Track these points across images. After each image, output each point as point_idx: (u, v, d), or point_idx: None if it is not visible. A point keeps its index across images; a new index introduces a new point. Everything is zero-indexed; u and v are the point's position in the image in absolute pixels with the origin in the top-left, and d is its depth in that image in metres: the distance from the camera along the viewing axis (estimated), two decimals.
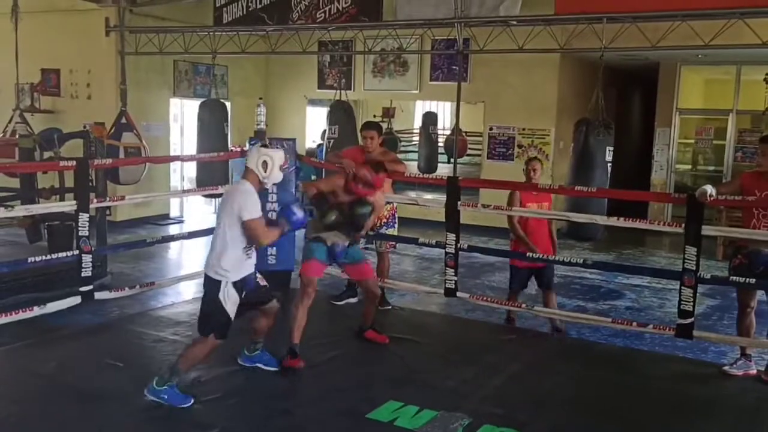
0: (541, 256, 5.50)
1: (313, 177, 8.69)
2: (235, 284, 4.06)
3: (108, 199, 6.24)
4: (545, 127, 10.39)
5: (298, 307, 4.74)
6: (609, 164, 6.43)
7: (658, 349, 5.61)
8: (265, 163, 4.11)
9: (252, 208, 4.03)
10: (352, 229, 4.90)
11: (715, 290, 6.90)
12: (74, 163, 5.49)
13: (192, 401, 4.01)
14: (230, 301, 4.05)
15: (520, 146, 10.65)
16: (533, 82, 10.26)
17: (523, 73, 10.18)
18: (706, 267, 5.27)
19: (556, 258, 5.46)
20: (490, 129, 10.91)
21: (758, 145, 5.03)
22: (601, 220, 5.45)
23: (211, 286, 4.06)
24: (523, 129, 10.62)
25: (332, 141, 8.82)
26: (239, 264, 4.08)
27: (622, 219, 5.29)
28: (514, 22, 7.61)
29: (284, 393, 4.30)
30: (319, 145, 11.22)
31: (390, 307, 6.29)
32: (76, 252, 5.36)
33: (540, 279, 5.78)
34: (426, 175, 10.93)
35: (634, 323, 5.55)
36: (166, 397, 3.97)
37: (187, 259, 8.53)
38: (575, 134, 6.57)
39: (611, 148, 6.45)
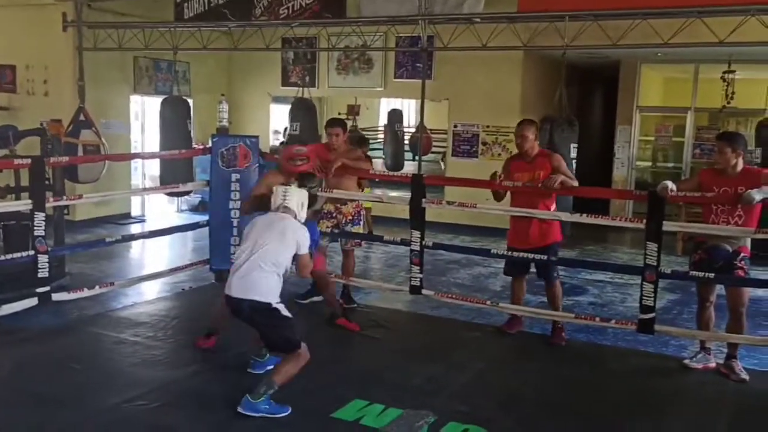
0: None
1: None
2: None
3: (65, 197, 6.09)
4: (509, 125, 10.40)
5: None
6: (574, 161, 6.50)
7: (621, 344, 5.68)
8: (302, 204, 4.35)
9: (307, 243, 4.30)
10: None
11: (675, 285, 7.01)
12: (29, 161, 5.34)
13: (289, 410, 3.99)
14: (284, 307, 4.16)
15: (484, 143, 10.70)
16: (497, 79, 10.30)
17: (487, 71, 10.21)
18: (667, 262, 5.34)
19: (519, 255, 5.43)
20: (455, 126, 10.93)
21: (715, 143, 5.13)
22: (565, 216, 5.50)
23: (263, 308, 4.07)
24: (488, 126, 10.66)
25: (294, 138, 8.77)
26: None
27: (585, 215, 5.34)
28: (478, 20, 7.63)
29: (243, 395, 4.24)
30: (282, 143, 11.14)
31: (355, 305, 6.27)
32: (32, 252, 5.23)
33: (538, 269, 5.52)
34: (391, 173, 10.92)
35: (597, 318, 5.63)
36: (266, 407, 3.94)
37: (148, 258, 8.39)
38: (540, 132, 6.61)
39: (575, 145, 6.52)
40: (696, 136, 11.25)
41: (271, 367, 4.35)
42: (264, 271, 4.07)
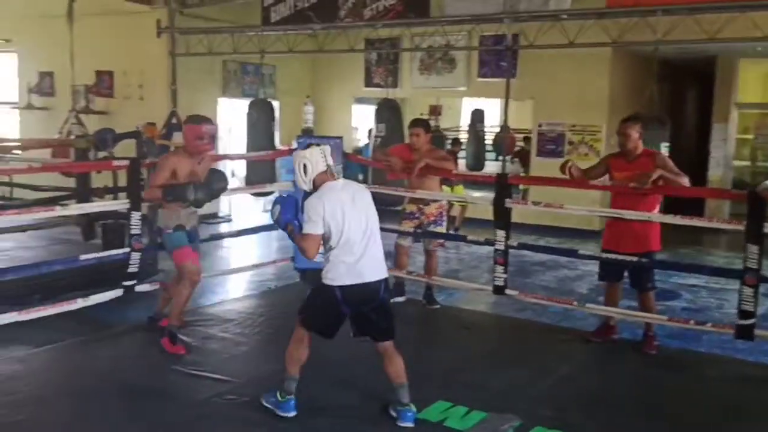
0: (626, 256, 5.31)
1: (360, 176, 8.72)
2: None
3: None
4: (596, 124, 10.17)
5: (184, 292, 4.87)
6: None
7: (717, 350, 5.42)
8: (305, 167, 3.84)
9: None
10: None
11: None
12: (127, 162, 5.57)
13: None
14: None
15: (570, 143, 10.45)
16: (584, 77, 10.04)
17: (574, 69, 9.97)
18: None
19: (608, 257, 5.22)
20: (539, 126, 10.74)
21: None
22: (656, 218, 5.28)
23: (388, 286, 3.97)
24: (574, 125, 10.42)
25: (379, 139, 8.83)
26: None
27: (678, 217, 5.12)
28: (565, 16, 7.45)
29: (329, 392, 4.28)
30: (366, 144, 11.24)
31: (438, 306, 6.24)
32: (128, 250, 5.45)
33: (632, 275, 5.26)
34: (474, 173, 10.83)
35: (692, 321, 5.36)
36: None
37: (234, 257, 8.61)
38: None
39: (667, 144, 6.26)
40: None
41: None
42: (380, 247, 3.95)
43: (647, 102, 6.60)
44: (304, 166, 3.80)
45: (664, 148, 6.25)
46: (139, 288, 5.58)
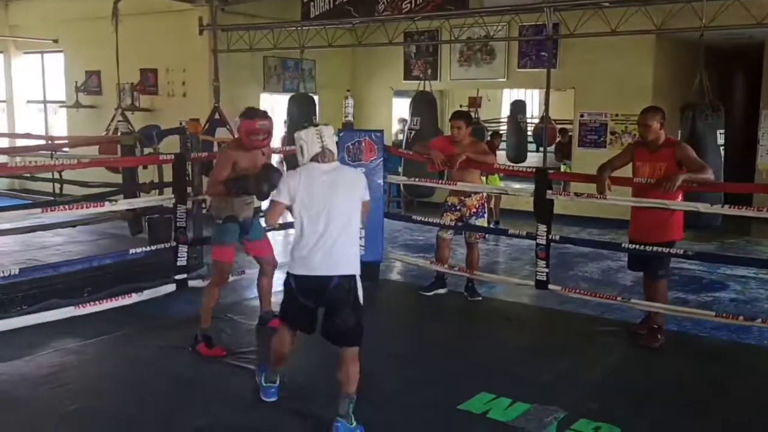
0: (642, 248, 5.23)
1: (400, 168, 8.73)
2: None
3: (204, 193, 6.43)
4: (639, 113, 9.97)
5: (213, 293, 4.85)
6: (722, 148, 6.10)
7: (767, 342, 5.30)
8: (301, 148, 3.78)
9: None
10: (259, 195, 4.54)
11: None
12: (172, 157, 5.69)
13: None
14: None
15: (613, 133, 10.29)
16: (626, 65, 9.86)
17: (616, 57, 9.80)
18: None
19: (643, 248, 5.10)
20: (581, 116, 10.58)
21: None
22: (703, 207, 5.16)
23: (355, 285, 3.67)
24: (616, 115, 10.25)
25: (414, 132, 8.80)
26: None
27: (725, 207, 5.02)
28: (607, 4, 7.34)
29: (371, 383, 4.31)
30: (408, 136, 11.24)
31: (480, 298, 6.23)
32: (174, 244, 5.57)
33: (645, 263, 5.20)
34: (514, 166, 10.75)
35: (741, 317, 5.23)
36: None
37: (276, 250, 8.70)
38: (681, 120, 6.25)
39: (722, 132, 6.11)
40: None
41: None
42: (355, 241, 3.70)
43: (697, 90, 6.44)
44: (301, 147, 3.75)
45: (720, 136, 6.11)
46: (193, 283, 5.71)
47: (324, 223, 3.58)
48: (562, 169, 10.39)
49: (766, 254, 8.53)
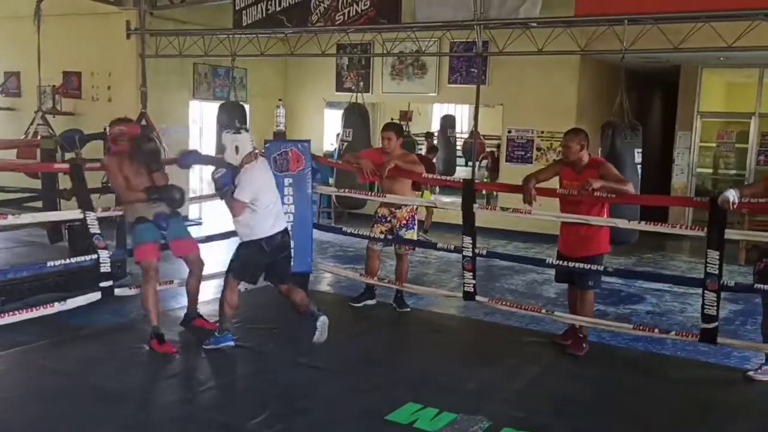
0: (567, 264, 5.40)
1: (330, 180, 8.73)
2: None
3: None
4: (564, 130, 10.24)
5: (149, 292, 5.01)
6: (639, 166, 6.35)
7: (680, 353, 5.54)
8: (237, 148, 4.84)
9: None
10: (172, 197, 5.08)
11: (738, 295, 6.79)
12: (67, 166, 5.58)
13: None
14: None
15: (539, 149, 10.59)
16: (553, 84, 10.19)
17: (543, 76, 10.12)
18: (728, 272, 5.20)
19: (573, 265, 5.28)
20: (509, 132, 10.85)
21: None
22: (622, 223, 5.36)
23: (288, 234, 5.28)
24: (542, 132, 10.56)
25: (346, 144, 8.81)
26: None
27: (642, 223, 5.23)
28: (534, 24, 7.56)
29: (301, 393, 4.29)
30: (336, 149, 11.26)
31: (408, 309, 6.28)
32: (94, 256, 5.38)
33: (577, 275, 5.28)
34: (444, 177, 10.90)
35: (656, 330, 5.44)
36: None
37: (205, 260, 8.55)
38: (602, 137, 6.49)
39: (640, 150, 6.37)
40: (760, 142, 10.89)
41: None
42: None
43: (617, 109, 6.70)
44: (236, 147, 4.82)
45: (638, 155, 6.36)
46: (119, 291, 5.54)
47: (276, 199, 5.15)
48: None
49: (680, 269, 8.92)
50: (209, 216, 11.36)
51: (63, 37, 9.83)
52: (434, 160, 11.08)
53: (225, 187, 4.88)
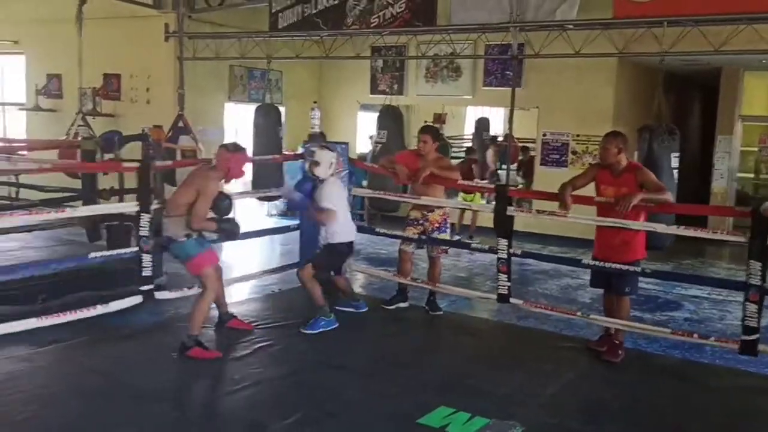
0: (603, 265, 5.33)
1: (364, 182, 8.74)
2: None
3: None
4: (601, 134, 10.13)
5: (207, 304, 5.00)
6: (675, 171, 6.25)
7: (719, 361, 5.43)
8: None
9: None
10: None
11: None
12: (137, 165, 5.61)
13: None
14: None
15: (574, 152, 10.49)
16: (589, 87, 10.08)
17: (579, 78, 10.02)
18: None
19: (609, 266, 5.20)
20: (544, 135, 10.77)
21: None
22: (660, 228, 5.28)
23: None
24: (578, 135, 10.45)
25: (380, 146, 8.83)
26: None
27: (681, 228, 5.13)
28: (571, 27, 7.48)
29: (332, 395, 4.30)
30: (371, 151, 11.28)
31: (441, 312, 6.25)
32: (135, 249, 5.48)
33: (614, 281, 5.22)
34: (478, 182, 10.85)
35: (695, 335, 5.36)
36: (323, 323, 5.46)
37: (239, 261, 8.64)
38: (638, 141, 6.39)
39: (677, 155, 6.26)
40: None
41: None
42: None
43: (655, 113, 6.60)
44: (332, 163, 5.51)
45: (675, 159, 6.26)
46: (160, 295, 5.62)
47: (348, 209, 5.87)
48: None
49: (719, 275, 8.74)
50: (244, 215, 11.47)
51: (103, 40, 10.01)
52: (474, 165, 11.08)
53: (303, 204, 5.59)
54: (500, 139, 12.48)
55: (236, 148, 5.10)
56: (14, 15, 11.47)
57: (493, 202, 5.69)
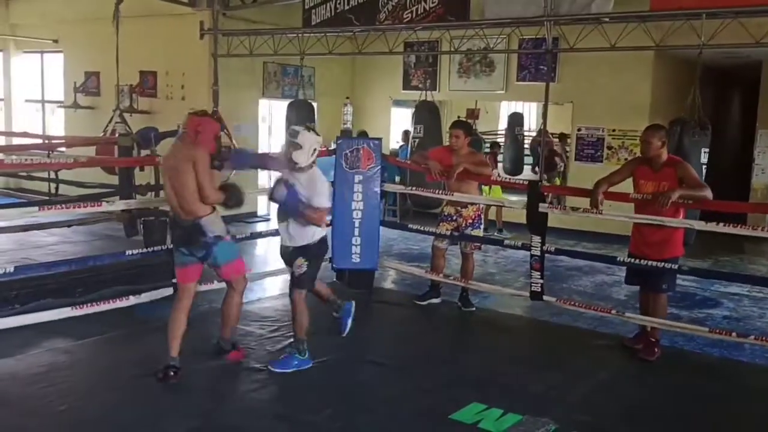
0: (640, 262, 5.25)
1: (397, 178, 8.73)
2: None
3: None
4: (637, 128, 9.99)
5: (239, 308, 4.81)
6: (704, 166, 6.12)
7: (759, 360, 5.31)
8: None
9: None
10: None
11: None
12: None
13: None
14: None
15: (609, 148, 10.34)
16: (625, 81, 9.92)
17: (615, 72, 9.86)
18: None
19: (646, 263, 5.12)
20: (579, 130, 10.63)
21: None
22: (698, 225, 5.19)
23: None
24: (613, 130, 10.30)
25: (417, 141, 8.84)
26: None
27: (720, 224, 5.03)
28: (607, 20, 7.35)
29: (364, 390, 4.31)
30: (402, 146, 11.26)
31: (473, 308, 6.23)
32: (170, 246, 5.56)
33: (650, 277, 5.17)
34: (510, 178, 10.76)
35: (734, 333, 5.25)
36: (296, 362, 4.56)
37: (272, 256, 8.69)
38: (669, 135, 6.28)
39: (707, 150, 6.13)
40: None
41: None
42: None
43: (689, 107, 6.47)
44: (315, 150, 4.58)
45: (704, 154, 6.13)
46: None
47: None
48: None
49: (760, 272, 8.54)
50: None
51: (140, 38, 10.14)
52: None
53: (294, 204, 4.51)
54: (534, 134, 12.37)
55: (204, 113, 4.71)
56: (54, 14, 11.71)
57: (514, 197, 5.63)
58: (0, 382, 3.07)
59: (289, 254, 4.76)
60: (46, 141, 9.13)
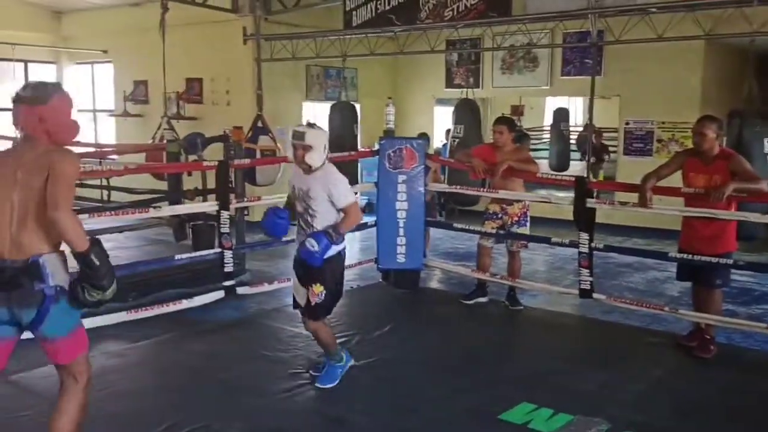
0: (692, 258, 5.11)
1: (442, 176, 8.67)
2: None
3: (246, 199, 6.51)
4: (688, 120, 9.76)
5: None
6: None
7: None
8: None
9: None
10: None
11: None
12: (215, 163, 5.76)
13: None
14: None
15: (659, 141, 10.11)
16: (674, 72, 9.68)
17: (663, 64, 9.63)
18: None
19: (700, 259, 4.97)
20: (627, 123, 10.42)
21: None
22: (754, 217, 5.02)
23: None
24: (663, 122, 10.07)
25: (457, 140, 8.78)
26: None
27: None
28: (654, 10, 7.20)
29: (412, 391, 4.29)
30: (444, 144, 11.21)
31: (521, 307, 6.16)
32: (218, 250, 5.65)
33: (703, 273, 5.02)
34: (556, 175, 10.62)
35: None
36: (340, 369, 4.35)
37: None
38: (728, 127, 6.10)
39: None
40: None
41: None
42: None
43: (746, 97, 6.28)
44: (325, 146, 4.11)
45: (767, 144, 5.94)
46: (241, 290, 5.78)
47: None
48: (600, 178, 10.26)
49: None
50: None
51: (185, 46, 10.33)
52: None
53: (328, 245, 3.99)
54: (581, 129, 12.17)
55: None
56: (103, 26, 12.01)
57: (560, 193, 5.53)
58: (54, 387, 3.15)
59: (305, 271, 4.16)
60: (98, 149, 9.35)
